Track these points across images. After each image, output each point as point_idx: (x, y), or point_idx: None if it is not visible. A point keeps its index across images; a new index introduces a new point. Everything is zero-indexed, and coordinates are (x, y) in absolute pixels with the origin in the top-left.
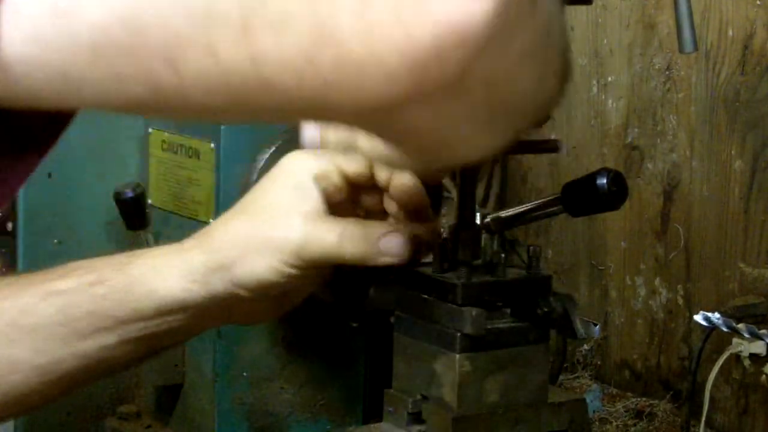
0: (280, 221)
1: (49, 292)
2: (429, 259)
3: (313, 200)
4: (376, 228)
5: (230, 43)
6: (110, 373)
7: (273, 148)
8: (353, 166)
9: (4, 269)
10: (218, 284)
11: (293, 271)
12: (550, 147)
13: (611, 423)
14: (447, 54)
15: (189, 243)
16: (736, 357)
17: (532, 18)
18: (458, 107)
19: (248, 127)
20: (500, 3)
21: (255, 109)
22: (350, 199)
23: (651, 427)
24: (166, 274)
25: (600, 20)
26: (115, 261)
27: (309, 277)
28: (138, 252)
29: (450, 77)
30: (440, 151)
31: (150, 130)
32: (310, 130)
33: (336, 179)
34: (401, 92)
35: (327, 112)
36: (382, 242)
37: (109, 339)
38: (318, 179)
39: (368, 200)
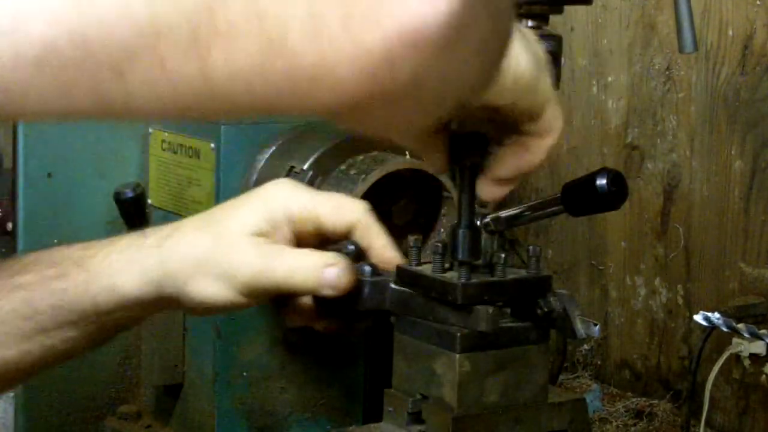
0: (239, 248)
1: (12, 287)
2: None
3: (277, 234)
4: (322, 258)
5: (178, 56)
6: (68, 359)
7: (273, 148)
8: (332, 221)
9: None
10: (169, 290)
11: (242, 299)
12: None
13: (611, 423)
14: (398, 61)
15: (152, 238)
16: (736, 357)
17: (487, 11)
18: (409, 103)
19: (248, 127)
20: (456, 5)
21: (205, 114)
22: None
23: (651, 427)
24: (124, 271)
25: (600, 20)
26: (75, 255)
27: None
28: (97, 244)
29: (402, 82)
30: (384, 132)
31: (150, 130)
32: None
33: (310, 229)
34: (352, 98)
35: (278, 113)
36: (323, 273)
37: (72, 331)
38: (294, 223)
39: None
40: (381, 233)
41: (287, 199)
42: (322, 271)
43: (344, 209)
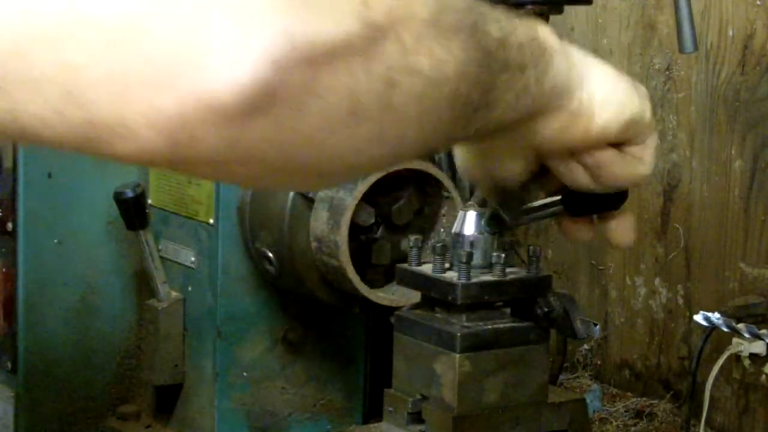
0: None
1: None
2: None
3: None
4: None
5: None
6: None
7: None
8: None
9: (4, 269)
10: None
11: None
12: None
13: (611, 423)
14: (195, 126)
15: None
16: (736, 357)
17: (349, 79)
18: (243, 166)
19: None
20: (265, 75)
21: (32, 144)
22: None
23: (651, 427)
24: None
25: (600, 20)
26: None
27: None
28: None
29: (208, 146)
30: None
31: None
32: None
33: None
34: (157, 155)
35: (98, 156)
36: None
37: None
38: None
39: None
40: None
41: None
42: None
43: None
